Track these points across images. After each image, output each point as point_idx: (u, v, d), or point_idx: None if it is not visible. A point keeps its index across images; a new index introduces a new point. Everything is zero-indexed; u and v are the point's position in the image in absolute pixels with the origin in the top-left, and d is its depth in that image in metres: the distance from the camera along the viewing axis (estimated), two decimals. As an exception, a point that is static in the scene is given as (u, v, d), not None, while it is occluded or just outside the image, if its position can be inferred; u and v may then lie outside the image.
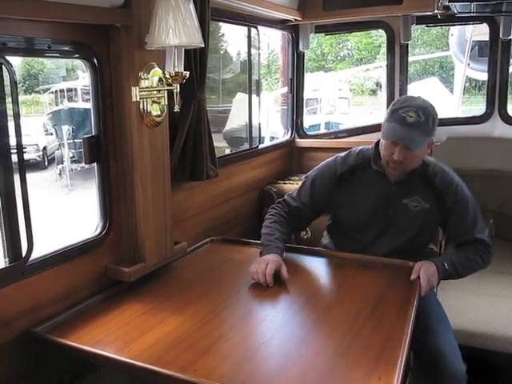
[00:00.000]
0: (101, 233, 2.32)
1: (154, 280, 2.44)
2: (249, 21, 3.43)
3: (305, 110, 4.63)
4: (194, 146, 2.66)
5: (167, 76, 2.18)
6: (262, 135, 4.06)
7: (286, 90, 4.46)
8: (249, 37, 3.47)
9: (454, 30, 7.43)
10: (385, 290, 2.34)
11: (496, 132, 4.50)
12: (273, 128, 9.09)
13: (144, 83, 2.27)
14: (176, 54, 2.17)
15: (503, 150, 4.36)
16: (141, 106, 2.27)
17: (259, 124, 3.80)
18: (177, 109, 2.26)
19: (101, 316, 2.10)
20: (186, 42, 2.09)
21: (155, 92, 2.32)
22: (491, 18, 4.30)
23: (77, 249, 2.21)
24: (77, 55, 2.19)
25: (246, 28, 3.54)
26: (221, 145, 8.94)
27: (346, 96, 17.43)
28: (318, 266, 2.75)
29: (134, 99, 2.21)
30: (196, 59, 2.59)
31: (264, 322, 2.10)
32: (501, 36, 4.26)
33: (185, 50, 2.26)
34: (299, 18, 3.77)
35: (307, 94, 15.45)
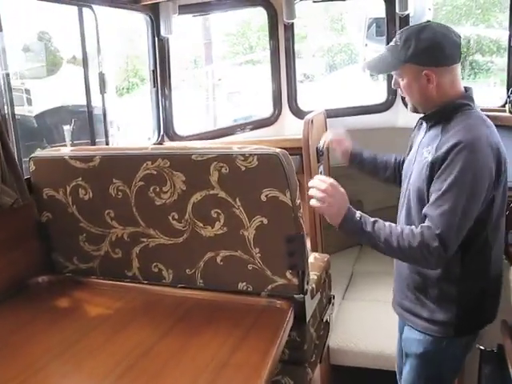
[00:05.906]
0: None
1: None
2: (81, -2, 2.73)
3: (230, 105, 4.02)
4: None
5: None
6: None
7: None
8: (80, 19, 2.78)
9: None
10: (240, 345, 1.75)
11: (400, 121, 4.00)
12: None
13: None
14: None
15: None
16: None
17: (105, 126, 3.09)
18: None
19: None
20: None
21: None
22: (384, -10, 3.80)
23: None
24: None
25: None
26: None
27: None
28: (158, 311, 2.07)
29: None
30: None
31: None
32: (397, 11, 3.77)
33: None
34: (156, -4, 3.09)
35: (230, 88, 14.88)
